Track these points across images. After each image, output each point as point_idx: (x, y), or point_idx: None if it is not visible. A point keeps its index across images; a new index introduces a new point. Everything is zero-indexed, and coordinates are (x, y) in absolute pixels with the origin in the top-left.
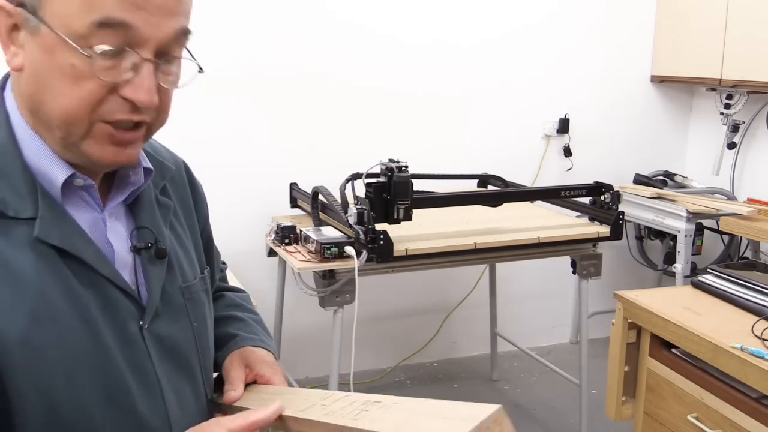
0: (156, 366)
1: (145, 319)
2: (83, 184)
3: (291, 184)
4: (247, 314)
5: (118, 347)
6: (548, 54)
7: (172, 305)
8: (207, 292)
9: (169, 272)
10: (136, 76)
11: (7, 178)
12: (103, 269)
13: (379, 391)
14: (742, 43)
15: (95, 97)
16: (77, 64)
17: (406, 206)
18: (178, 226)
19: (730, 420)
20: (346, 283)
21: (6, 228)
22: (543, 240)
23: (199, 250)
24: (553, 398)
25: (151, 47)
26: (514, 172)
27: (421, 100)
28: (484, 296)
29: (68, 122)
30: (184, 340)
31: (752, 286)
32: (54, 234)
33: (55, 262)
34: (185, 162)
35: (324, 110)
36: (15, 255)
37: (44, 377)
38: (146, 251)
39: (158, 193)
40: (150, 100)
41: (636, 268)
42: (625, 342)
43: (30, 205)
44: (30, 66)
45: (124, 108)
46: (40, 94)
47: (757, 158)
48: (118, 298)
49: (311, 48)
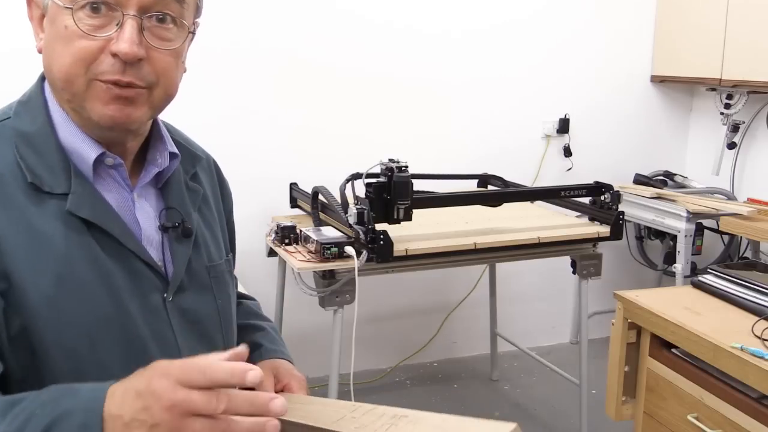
0: (177, 336)
1: (169, 291)
2: (113, 163)
3: (291, 184)
4: (266, 323)
5: (140, 316)
6: (548, 54)
7: (197, 281)
8: (231, 274)
9: (195, 250)
10: (120, 31)
11: (44, 156)
12: (129, 243)
13: (379, 391)
14: (742, 43)
15: (86, 54)
16: (69, 25)
17: (406, 206)
18: (207, 211)
19: (730, 420)
20: (346, 283)
21: (41, 201)
22: (543, 240)
23: (225, 237)
24: (553, 398)
25: (133, 5)
26: (514, 172)
27: (421, 100)
28: (484, 296)
29: (67, 80)
30: (208, 315)
31: (752, 286)
32: (84, 208)
33: (83, 234)
34: (215, 160)
35: (324, 110)
36: (47, 225)
37: (69, 338)
38: (173, 230)
39: (188, 179)
40: (130, 51)
41: (636, 268)
42: (625, 342)
43: (63, 181)
44: (45, 44)
45: (115, 67)
46: (49, 62)
47: (757, 158)
48: (142, 270)
49: (311, 47)
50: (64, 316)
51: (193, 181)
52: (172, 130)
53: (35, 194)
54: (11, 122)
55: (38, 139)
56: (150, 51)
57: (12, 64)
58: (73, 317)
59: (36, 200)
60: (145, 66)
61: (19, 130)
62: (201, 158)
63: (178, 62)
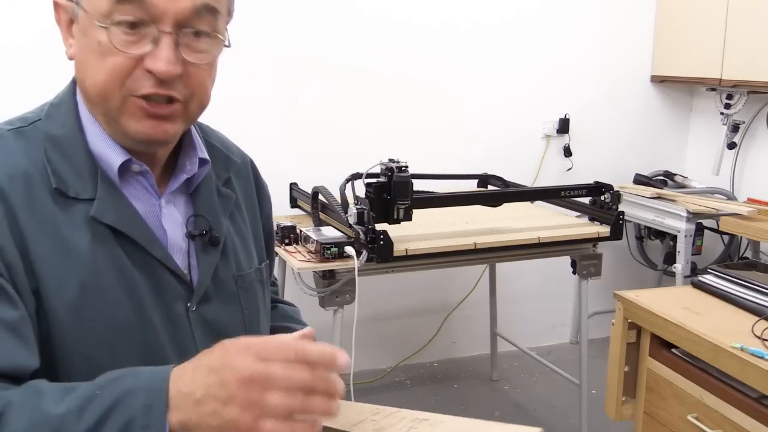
0: (199, 346)
1: (193, 301)
2: (139, 169)
3: (291, 184)
4: (301, 326)
5: (162, 325)
6: (548, 54)
7: (223, 291)
8: (262, 283)
9: (223, 259)
10: (156, 48)
11: (71, 161)
12: (155, 250)
13: (379, 391)
14: (742, 43)
15: (121, 70)
16: (103, 41)
17: (406, 206)
18: (239, 218)
19: (730, 420)
20: (346, 283)
21: (67, 207)
22: (543, 240)
23: (260, 243)
24: (553, 398)
25: (169, 20)
26: (514, 172)
27: (421, 100)
28: (484, 296)
29: (103, 96)
30: (233, 325)
31: (752, 286)
32: (109, 214)
33: (108, 241)
34: (252, 160)
35: (323, 110)
36: (72, 231)
37: (89, 346)
38: (200, 238)
39: (221, 184)
40: (167, 70)
41: (636, 268)
42: (625, 342)
43: (90, 186)
44: (76, 52)
45: (149, 82)
46: (82, 74)
47: (757, 158)
48: (167, 279)
49: (310, 46)
50: (85, 323)
51: (226, 186)
52: (209, 132)
53: (62, 199)
54: (42, 125)
55: (67, 143)
56: (185, 66)
57: (12, 63)
58: (95, 325)
59: (62, 205)
60: (180, 80)
61: (49, 133)
62: (236, 162)
63: (212, 72)
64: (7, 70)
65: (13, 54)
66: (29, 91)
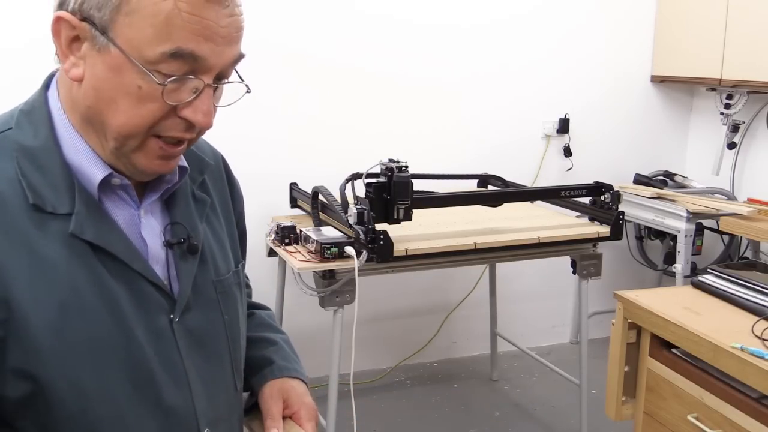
0: (184, 358)
1: (176, 312)
2: (120, 183)
3: (291, 184)
4: (279, 335)
5: (146, 340)
6: (548, 54)
7: (203, 298)
8: (240, 285)
9: (201, 266)
10: (197, 98)
11: (47, 174)
12: (135, 264)
13: (379, 391)
14: (742, 43)
15: (157, 117)
16: (144, 87)
17: (406, 206)
18: (215, 220)
19: (730, 420)
20: (346, 283)
21: (43, 222)
22: (543, 240)
23: (235, 244)
24: (553, 398)
25: (213, 73)
26: (514, 172)
27: (421, 100)
28: (484, 296)
29: (126, 136)
30: (215, 332)
31: (752, 286)
32: (88, 230)
33: (88, 257)
34: (224, 157)
35: (323, 110)
36: (50, 249)
37: (73, 367)
38: (179, 246)
39: (195, 188)
40: (208, 122)
41: (636, 268)
42: (625, 342)
43: (67, 201)
44: (92, 79)
45: (180, 126)
46: (100, 106)
47: (757, 158)
48: (149, 292)
49: (310, 46)
50: (67, 344)
51: (201, 190)
52: None
53: (37, 215)
54: (13, 134)
55: (41, 155)
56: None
57: (9, 64)
58: (77, 344)
59: (38, 222)
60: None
61: (21, 144)
62: (210, 164)
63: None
64: (7, 70)
65: (13, 54)
66: (29, 91)
